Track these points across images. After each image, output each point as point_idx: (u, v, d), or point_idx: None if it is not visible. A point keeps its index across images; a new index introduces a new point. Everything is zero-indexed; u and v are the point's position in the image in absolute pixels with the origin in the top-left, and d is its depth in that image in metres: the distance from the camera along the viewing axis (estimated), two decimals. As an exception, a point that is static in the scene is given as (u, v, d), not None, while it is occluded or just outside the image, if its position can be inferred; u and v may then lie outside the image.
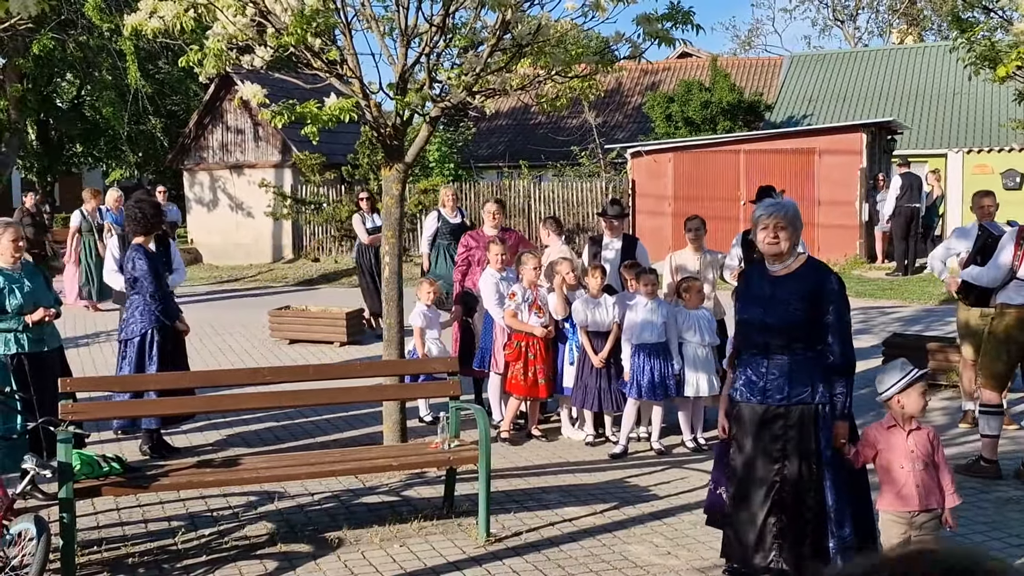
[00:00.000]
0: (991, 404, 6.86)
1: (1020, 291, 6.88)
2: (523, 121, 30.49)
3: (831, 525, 4.50)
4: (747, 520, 4.59)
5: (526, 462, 7.33)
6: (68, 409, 5.43)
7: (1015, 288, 6.89)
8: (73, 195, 32.73)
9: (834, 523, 4.50)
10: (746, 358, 4.70)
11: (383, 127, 7.06)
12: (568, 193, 21.53)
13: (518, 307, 7.81)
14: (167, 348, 7.35)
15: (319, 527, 5.91)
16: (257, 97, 6.75)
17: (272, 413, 8.60)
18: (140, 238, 7.50)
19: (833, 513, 4.50)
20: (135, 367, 7.23)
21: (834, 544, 4.49)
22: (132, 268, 7.38)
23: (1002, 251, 6.95)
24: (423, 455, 6.08)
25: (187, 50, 7.02)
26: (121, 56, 23.21)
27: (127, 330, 7.35)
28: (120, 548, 5.59)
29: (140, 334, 7.29)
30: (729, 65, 31.30)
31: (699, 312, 7.64)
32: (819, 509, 4.51)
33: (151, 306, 7.32)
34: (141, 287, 7.35)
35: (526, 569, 5.29)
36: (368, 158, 20.64)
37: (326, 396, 7.06)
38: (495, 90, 7.04)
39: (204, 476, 5.66)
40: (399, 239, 7.34)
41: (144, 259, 7.35)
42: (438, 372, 7.31)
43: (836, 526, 4.50)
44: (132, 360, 7.24)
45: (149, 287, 7.32)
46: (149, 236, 7.53)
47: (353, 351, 11.67)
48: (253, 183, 22.38)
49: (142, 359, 7.25)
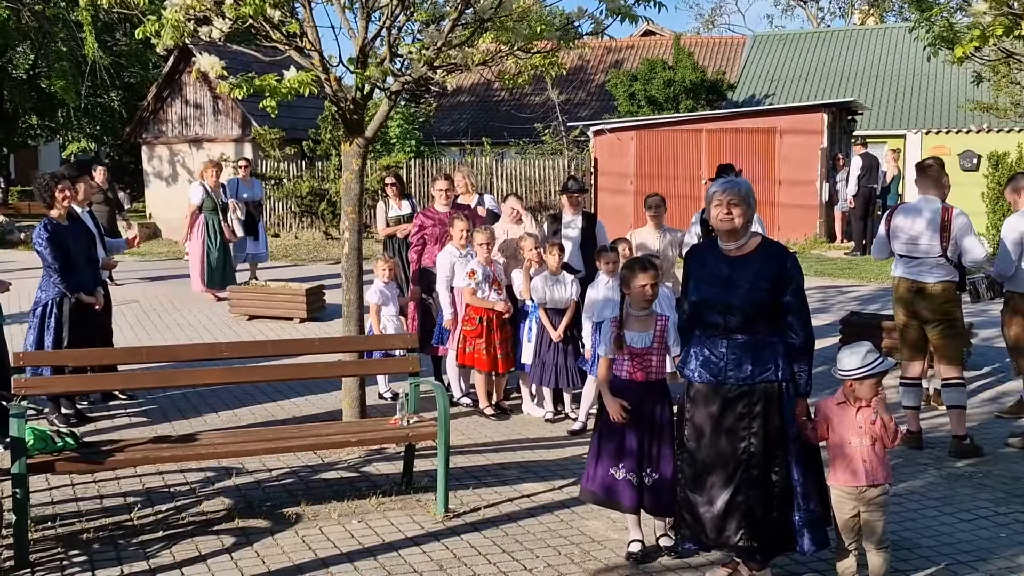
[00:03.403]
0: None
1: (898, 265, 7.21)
2: (486, 98, 30.38)
3: (797, 499, 4.56)
4: (708, 499, 4.62)
5: (485, 438, 7.35)
6: (20, 383, 5.36)
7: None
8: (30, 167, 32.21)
9: (800, 497, 4.56)
10: (701, 338, 4.71)
11: (343, 101, 6.99)
12: (530, 170, 21.53)
13: (478, 285, 7.80)
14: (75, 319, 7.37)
15: (277, 503, 5.89)
16: (215, 69, 6.65)
17: (230, 389, 8.54)
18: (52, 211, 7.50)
19: (800, 488, 4.56)
20: (36, 338, 7.33)
21: (800, 517, 4.56)
22: (36, 242, 7.45)
23: None
24: (382, 431, 6.07)
25: (144, 21, 6.89)
26: (78, 27, 22.80)
27: (34, 301, 7.48)
28: (75, 524, 5.54)
29: (41, 305, 7.40)
30: (692, 44, 31.37)
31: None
32: (786, 484, 4.57)
33: (52, 278, 7.38)
34: (43, 260, 7.40)
35: (484, 544, 5.31)
36: (330, 133, 20.51)
37: (285, 372, 7.05)
38: (456, 65, 6.98)
39: (160, 452, 5.62)
40: (359, 215, 7.29)
41: (46, 232, 7.34)
42: (397, 349, 7.29)
43: (803, 500, 4.56)
44: (35, 329, 7.37)
45: (50, 261, 7.33)
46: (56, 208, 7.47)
47: (313, 328, 11.61)
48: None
49: (42, 330, 7.35)
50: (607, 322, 5.28)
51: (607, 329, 5.19)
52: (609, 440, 5.06)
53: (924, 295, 6.98)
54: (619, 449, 5.01)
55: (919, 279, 6.99)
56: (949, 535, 5.47)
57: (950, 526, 5.60)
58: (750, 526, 4.55)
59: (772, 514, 4.56)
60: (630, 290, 5.11)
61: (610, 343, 5.11)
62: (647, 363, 5.04)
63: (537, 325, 7.84)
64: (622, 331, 5.07)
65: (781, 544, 4.62)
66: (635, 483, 4.99)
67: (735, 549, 4.66)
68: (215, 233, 13.32)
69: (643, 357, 5.04)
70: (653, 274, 5.11)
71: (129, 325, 8.98)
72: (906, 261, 7.07)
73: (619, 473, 5.00)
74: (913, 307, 7.05)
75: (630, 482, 4.99)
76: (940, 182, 7.08)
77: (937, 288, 6.95)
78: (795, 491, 4.57)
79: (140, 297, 13.80)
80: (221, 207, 13.44)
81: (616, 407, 4.96)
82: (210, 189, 13.38)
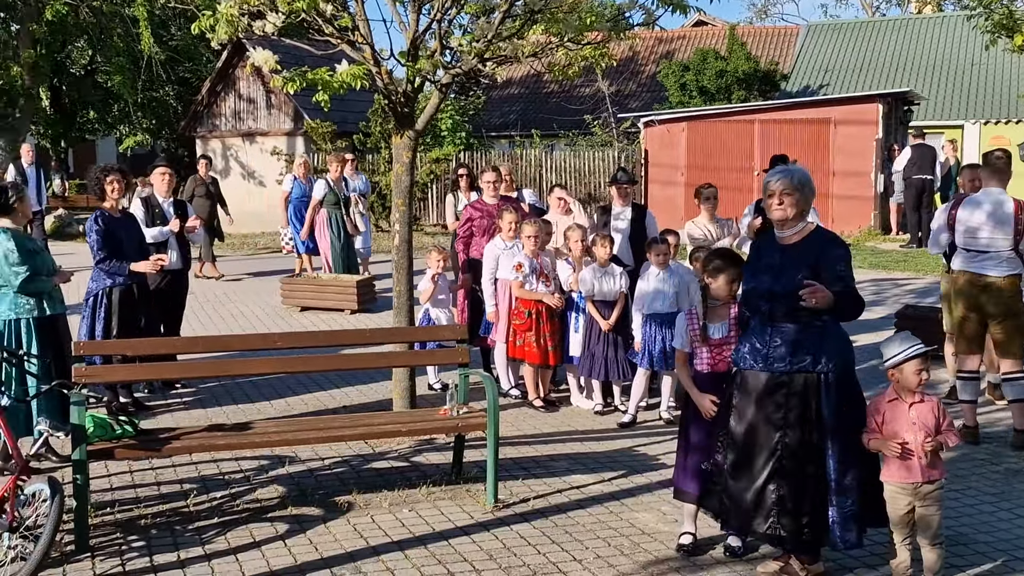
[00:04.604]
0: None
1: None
2: (535, 90, 30.36)
3: (831, 495, 4.51)
4: (746, 487, 4.61)
5: (534, 430, 7.37)
6: (81, 372, 5.49)
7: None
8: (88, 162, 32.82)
9: (835, 492, 4.51)
10: (753, 326, 4.71)
11: (394, 94, 7.04)
12: (580, 162, 21.48)
13: (526, 277, 7.82)
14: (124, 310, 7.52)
15: (329, 491, 5.96)
16: (268, 63, 6.75)
17: (283, 379, 8.65)
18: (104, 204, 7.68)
19: (834, 483, 4.51)
20: (89, 327, 7.49)
21: (834, 513, 4.50)
22: (87, 233, 7.68)
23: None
24: (432, 421, 6.11)
25: (200, 15, 7.00)
26: (134, 22, 23.16)
27: (86, 292, 7.65)
28: (133, 510, 5.66)
29: (92, 295, 7.56)
30: (745, 34, 31.03)
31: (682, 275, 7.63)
32: (820, 478, 4.52)
33: (100, 269, 7.54)
34: (93, 250, 7.56)
35: (534, 535, 5.33)
36: (380, 126, 20.62)
37: (336, 362, 7.11)
38: (507, 57, 7.00)
39: (216, 439, 5.72)
40: (409, 207, 7.34)
41: (96, 224, 7.52)
42: (447, 340, 7.34)
43: (837, 495, 4.50)
44: (88, 319, 7.53)
45: (97, 253, 7.50)
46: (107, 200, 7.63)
47: (363, 319, 11.71)
48: (265, 151, 22.39)
49: (94, 320, 7.52)
50: (682, 315, 5.27)
51: (682, 322, 5.18)
52: (697, 434, 5.04)
53: (989, 289, 6.86)
54: (707, 443, 4.95)
55: (983, 272, 6.87)
56: (1007, 531, 5.38)
57: (1008, 522, 5.51)
58: (780, 516, 4.52)
59: (805, 506, 4.52)
60: (715, 282, 5.08)
61: (686, 336, 5.09)
62: (726, 353, 4.99)
63: (585, 317, 7.83)
64: (705, 321, 5.05)
65: (813, 537, 4.57)
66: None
67: (763, 538, 4.67)
68: (339, 227, 13.06)
69: (721, 347, 5.01)
70: (731, 264, 5.07)
71: (185, 316, 9.20)
72: (970, 255, 6.93)
73: (709, 467, 4.90)
74: (975, 301, 6.93)
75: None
76: (1005, 174, 6.95)
77: (1004, 282, 6.83)
78: (830, 486, 4.52)
79: (196, 288, 13.98)
80: (343, 201, 13.21)
81: (706, 403, 4.91)
82: (332, 183, 13.17)
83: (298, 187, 14.36)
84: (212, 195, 15.02)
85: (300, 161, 14.90)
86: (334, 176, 13.27)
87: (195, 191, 14.76)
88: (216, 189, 15.25)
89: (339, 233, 13.02)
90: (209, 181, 15.14)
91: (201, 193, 14.74)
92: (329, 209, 13.06)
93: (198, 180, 14.97)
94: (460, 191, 10.59)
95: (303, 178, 14.39)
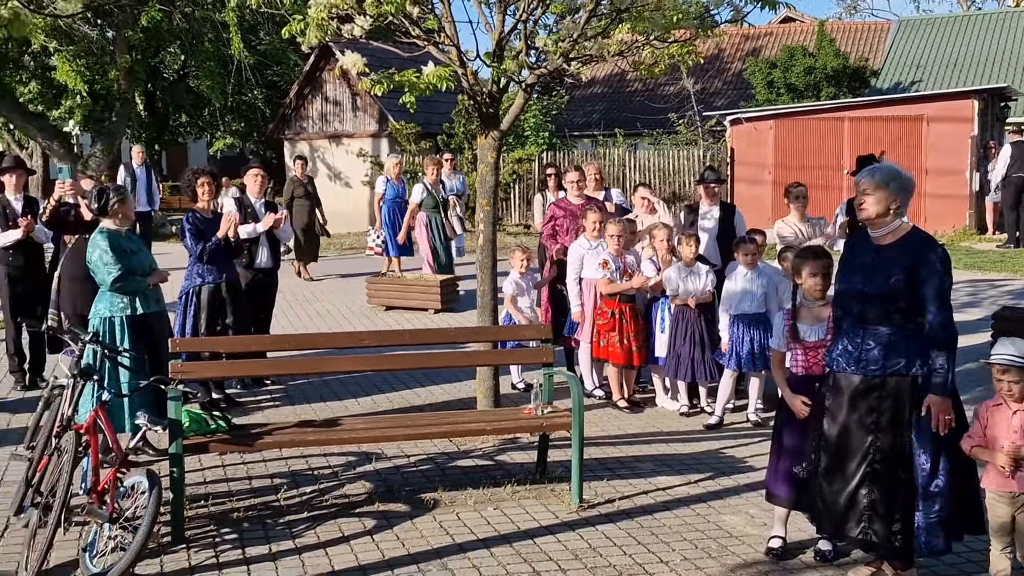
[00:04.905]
0: None
1: None
2: (619, 88, 30.22)
3: (919, 500, 4.39)
4: (839, 491, 4.53)
5: (618, 431, 7.33)
6: (177, 368, 5.64)
7: None
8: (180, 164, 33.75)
9: (922, 498, 4.39)
10: (845, 328, 4.61)
11: (479, 95, 7.08)
12: (664, 161, 21.32)
13: (612, 275, 7.79)
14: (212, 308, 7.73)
15: (415, 488, 6.03)
16: (357, 66, 6.85)
17: (368, 377, 8.77)
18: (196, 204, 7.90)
19: (922, 488, 4.39)
20: (181, 324, 7.72)
21: (920, 519, 4.38)
22: (181, 233, 7.95)
23: None
24: (516, 420, 6.13)
25: (290, 20, 7.14)
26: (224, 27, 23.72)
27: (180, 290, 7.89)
28: (225, 503, 5.80)
29: (184, 293, 7.80)
30: (834, 30, 30.43)
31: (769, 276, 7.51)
32: (911, 483, 4.41)
33: (192, 268, 7.77)
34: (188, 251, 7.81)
35: (619, 536, 5.30)
36: (464, 127, 20.75)
37: (422, 361, 7.16)
38: (592, 56, 6.99)
39: (306, 435, 5.83)
40: (494, 207, 7.37)
41: (188, 224, 7.75)
42: (530, 339, 7.35)
43: (924, 500, 4.38)
44: (180, 316, 7.77)
45: (191, 250, 7.74)
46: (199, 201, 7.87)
47: (447, 318, 11.81)
48: (351, 153, 22.73)
49: (184, 318, 7.75)
50: (779, 314, 5.20)
51: (779, 322, 5.11)
52: (790, 438, 4.97)
53: None
54: (801, 447, 4.88)
55: None
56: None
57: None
58: (872, 521, 4.43)
59: (896, 512, 4.41)
60: (802, 280, 5.01)
61: (783, 336, 5.03)
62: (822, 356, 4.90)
63: (671, 318, 7.77)
64: (795, 323, 4.98)
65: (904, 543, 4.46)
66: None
67: (855, 543, 4.60)
68: (439, 230, 13.07)
69: (817, 350, 4.92)
70: (825, 263, 4.99)
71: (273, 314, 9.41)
72: None
73: (803, 472, 4.84)
74: None
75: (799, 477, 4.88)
76: None
77: None
78: (918, 491, 4.40)
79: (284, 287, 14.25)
80: (441, 203, 13.18)
81: (798, 403, 4.84)
82: (430, 186, 13.17)
83: (391, 189, 14.42)
84: (310, 195, 15.18)
85: (394, 163, 14.93)
86: (431, 179, 13.29)
87: (293, 191, 15.02)
88: (313, 189, 15.40)
89: (439, 235, 13.03)
90: (306, 181, 15.32)
91: (300, 194, 14.96)
92: (428, 212, 13.06)
93: (295, 180, 15.19)
94: (548, 191, 10.59)
95: (396, 180, 14.48)
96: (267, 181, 9.10)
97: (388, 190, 14.43)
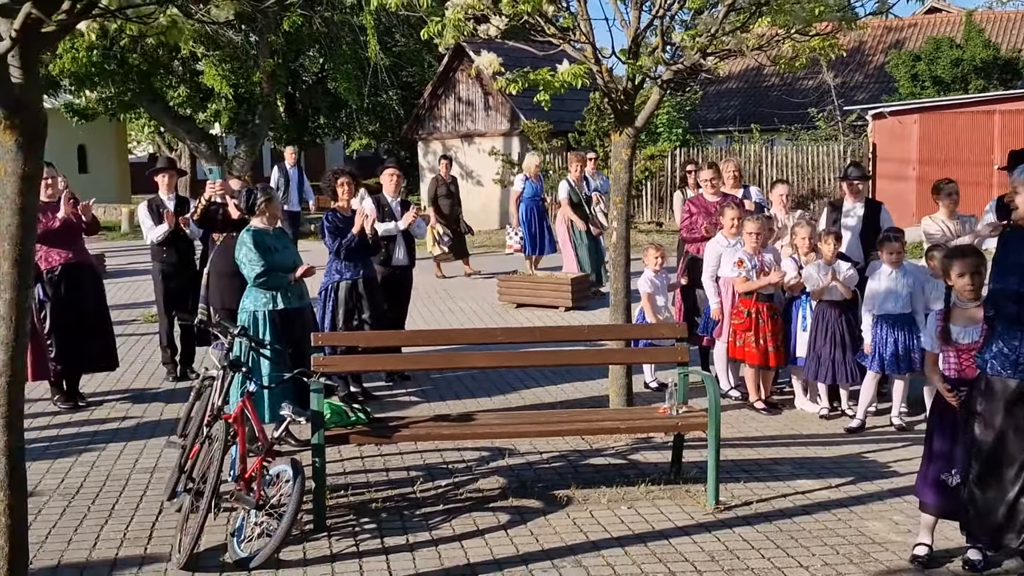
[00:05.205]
0: None
1: None
2: (755, 83, 29.59)
3: None
4: (995, 499, 4.33)
5: (755, 432, 7.19)
6: (319, 362, 5.81)
7: None
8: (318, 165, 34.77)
9: None
10: (999, 330, 4.40)
11: (614, 92, 7.05)
12: (802, 157, 20.78)
13: (748, 273, 7.64)
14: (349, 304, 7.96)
15: (548, 485, 6.05)
16: (493, 66, 6.91)
17: (500, 373, 8.84)
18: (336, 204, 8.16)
19: None
20: (321, 318, 7.94)
21: None
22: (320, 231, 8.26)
23: None
24: (651, 419, 6.07)
25: (427, 22, 7.26)
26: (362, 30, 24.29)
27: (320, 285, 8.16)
28: (364, 493, 5.94)
29: (323, 288, 8.06)
30: (983, 20, 29.02)
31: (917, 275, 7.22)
32: None
33: (331, 265, 8.05)
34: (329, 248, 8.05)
35: (757, 539, 5.20)
36: (595, 124, 20.68)
37: (555, 358, 7.19)
38: (730, 51, 6.87)
39: (442, 429, 5.92)
40: (627, 204, 7.32)
41: (327, 222, 8.01)
42: (665, 338, 7.27)
43: None
44: (320, 311, 8.00)
45: (330, 247, 7.99)
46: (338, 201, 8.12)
47: (578, 316, 11.80)
48: (483, 151, 22.94)
49: (323, 313, 7.99)
50: (932, 315, 5.03)
51: (932, 322, 4.93)
52: (940, 443, 4.80)
53: None
54: (950, 453, 4.72)
55: None
56: None
57: None
58: None
59: None
60: (951, 280, 4.82)
61: (934, 337, 4.85)
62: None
63: (812, 317, 7.56)
64: (947, 324, 4.80)
65: None
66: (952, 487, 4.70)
67: (1012, 553, 4.41)
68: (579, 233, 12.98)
69: (970, 352, 4.72)
70: (974, 262, 4.79)
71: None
72: None
73: (952, 480, 4.69)
74: None
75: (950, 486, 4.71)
76: None
77: None
78: None
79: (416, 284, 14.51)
80: (585, 200, 13.07)
81: (956, 400, 4.69)
82: (574, 183, 13.12)
83: (530, 187, 14.42)
84: (453, 194, 15.39)
85: (536, 161, 14.88)
86: (575, 176, 13.22)
87: (437, 190, 15.29)
88: (456, 189, 15.60)
89: (582, 233, 12.96)
90: (449, 181, 15.54)
91: (443, 192, 15.22)
92: (574, 208, 12.98)
93: (439, 180, 15.43)
94: (688, 188, 10.45)
95: (534, 178, 14.49)
96: (403, 180, 9.27)
97: (527, 188, 14.44)
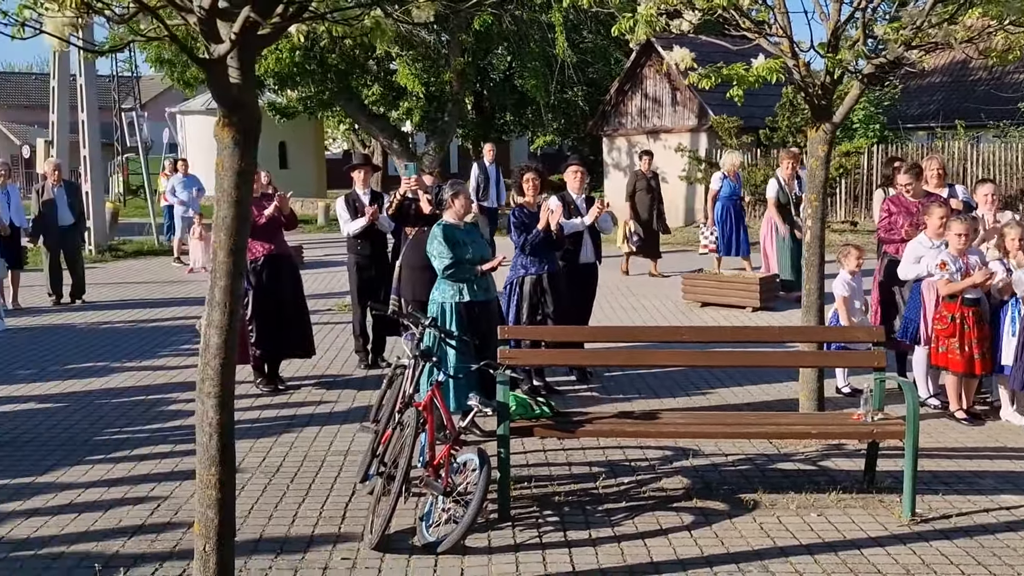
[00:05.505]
0: None
1: None
2: (960, 77, 28.03)
3: None
4: None
5: (956, 443, 6.83)
6: (506, 354, 5.92)
7: None
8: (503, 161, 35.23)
9: None
10: None
11: (811, 86, 6.84)
12: (1012, 155, 19.53)
13: (951, 276, 7.26)
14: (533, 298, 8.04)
15: (733, 487, 5.94)
16: (685, 61, 6.85)
17: (685, 372, 8.74)
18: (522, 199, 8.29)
19: None
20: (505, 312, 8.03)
21: None
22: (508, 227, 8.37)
23: None
24: (844, 425, 5.87)
25: (618, 18, 7.26)
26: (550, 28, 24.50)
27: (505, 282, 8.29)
28: (547, 486, 6.01)
29: (508, 283, 8.19)
30: None
31: None
32: None
33: (516, 260, 8.16)
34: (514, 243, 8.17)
35: (956, 554, 4.95)
36: (787, 120, 20.14)
37: (743, 359, 7.04)
38: (936, 44, 6.54)
39: (625, 426, 5.92)
40: (823, 203, 7.10)
41: (514, 218, 8.13)
42: (860, 341, 7.00)
43: None
44: (505, 304, 8.11)
45: (516, 242, 8.11)
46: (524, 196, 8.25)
47: (765, 317, 11.52)
48: (669, 148, 22.71)
49: (508, 306, 8.10)
50: None
51: None
52: None
53: None
54: None
55: None
56: None
57: None
58: None
59: None
60: None
61: None
62: None
63: (1021, 323, 7.11)
64: None
65: None
66: None
67: None
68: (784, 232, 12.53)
69: None
70: None
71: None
72: None
73: None
74: None
75: None
76: None
77: None
78: None
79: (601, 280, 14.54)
80: (794, 201, 12.37)
81: None
82: (784, 182, 12.58)
83: (727, 186, 14.13)
84: (652, 190, 15.26)
85: (735, 160, 14.52)
86: (785, 174, 12.66)
87: (636, 184, 15.28)
88: (656, 184, 15.42)
89: (787, 235, 12.45)
90: (650, 176, 15.38)
91: (642, 187, 15.15)
92: (779, 209, 12.53)
93: (639, 174, 15.37)
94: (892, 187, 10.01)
95: (732, 176, 14.19)
96: (586, 177, 9.29)
97: (724, 187, 14.15)
